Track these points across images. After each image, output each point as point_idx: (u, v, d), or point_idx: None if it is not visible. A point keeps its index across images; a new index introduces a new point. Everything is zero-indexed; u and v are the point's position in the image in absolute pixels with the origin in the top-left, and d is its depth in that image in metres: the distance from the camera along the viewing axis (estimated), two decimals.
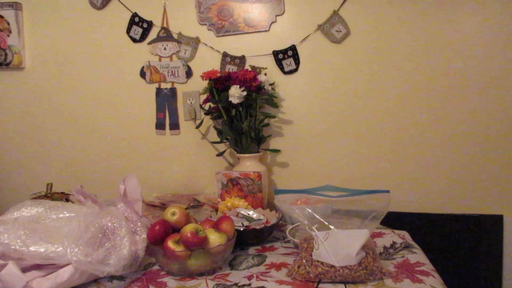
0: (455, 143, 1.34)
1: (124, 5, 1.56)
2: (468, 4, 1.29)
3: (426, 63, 1.34)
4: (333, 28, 1.39)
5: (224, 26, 1.49)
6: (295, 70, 1.45)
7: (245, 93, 1.30)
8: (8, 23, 1.63)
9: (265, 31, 1.46)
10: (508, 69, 1.27)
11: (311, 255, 0.85)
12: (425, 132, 1.36)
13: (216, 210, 1.29)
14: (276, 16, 1.44)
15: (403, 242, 1.02)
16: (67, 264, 0.81)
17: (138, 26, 1.56)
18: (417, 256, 0.94)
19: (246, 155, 1.35)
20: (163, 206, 1.34)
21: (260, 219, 1.13)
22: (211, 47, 1.51)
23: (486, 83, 1.30)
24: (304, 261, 0.84)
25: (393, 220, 1.13)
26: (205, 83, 1.40)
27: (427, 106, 1.35)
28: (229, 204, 1.22)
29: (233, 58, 1.49)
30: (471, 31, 1.30)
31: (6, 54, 1.64)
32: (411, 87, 1.36)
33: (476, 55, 1.30)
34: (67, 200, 1.25)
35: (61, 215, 0.91)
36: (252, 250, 1.04)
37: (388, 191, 0.87)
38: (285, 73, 1.46)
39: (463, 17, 1.30)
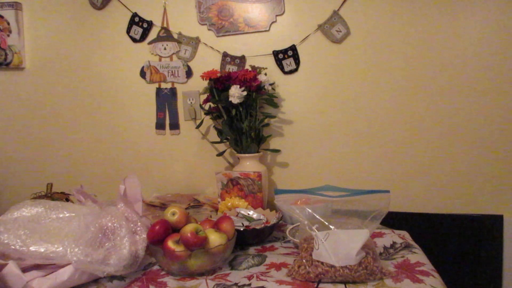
0: (455, 143, 1.34)
1: (124, 5, 1.56)
2: (468, 4, 1.29)
3: (426, 63, 1.34)
4: (333, 28, 1.39)
5: (224, 26, 1.49)
6: (295, 70, 1.45)
7: (245, 93, 1.30)
8: (8, 23, 1.63)
9: (265, 31, 1.46)
10: (508, 69, 1.27)
11: (311, 255, 0.85)
12: (425, 132, 1.36)
13: (216, 210, 1.29)
14: (276, 16, 1.44)
15: (403, 242, 1.02)
16: (67, 264, 0.81)
17: (138, 26, 1.56)
18: (417, 256, 0.94)
19: (246, 155, 1.35)
20: (163, 206, 1.34)
21: (260, 219, 1.13)
22: (211, 47, 1.51)
23: (486, 83, 1.30)
24: (304, 261, 0.84)
25: (393, 220, 1.13)
26: (205, 83, 1.40)
27: (427, 106, 1.35)
28: (229, 204, 1.22)
29: (233, 58, 1.49)
30: (471, 31, 1.29)
31: (6, 54, 1.64)
32: (411, 87, 1.36)
33: (476, 55, 1.30)
34: (67, 200, 1.25)
35: (61, 215, 0.91)
36: (252, 250, 1.04)
37: (388, 191, 0.87)
38: (285, 73, 1.46)
39: (463, 17, 1.30)
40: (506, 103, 1.28)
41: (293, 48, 1.44)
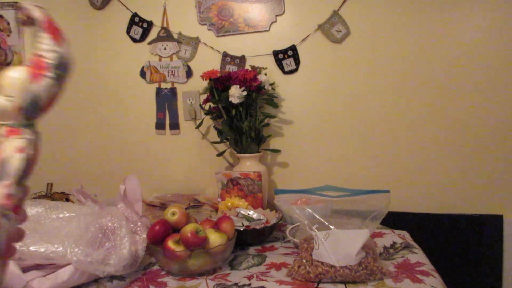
0: (455, 143, 1.34)
1: (124, 5, 1.56)
2: (468, 4, 1.29)
3: (425, 63, 1.34)
4: (333, 28, 1.39)
5: (224, 26, 1.49)
6: (295, 70, 1.45)
7: (245, 93, 1.30)
8: (8, 23, 1.63)
9: (265, 31, 1.46)
10: (508, 68, 1.27)
11: (311, 255, 0.85)
12: (425, 132, 1.36)
13: (216, 210, 1.29)
14: (276, 16, 1.44)
15: (403, 242, 1.02)
16: (67, 264, 0.81)
17: (138, 26, 1.56)
18: (417, 256, 0.94)
19: (246, 155, 1.35)
20: (163, 206, 1.34)
21: (260, 219, 1.13)
22: (211, 47, 1.51)
23: (485, 83, 1.30)
24: (304, 261, 0.84)
25: (393, 220, 1.13)
26: (205, 83, 1.40)
27: (427, 106, 1.35)
28: (229, 204, 1.22)
29: (233, 58, 1.49)
30: (471, 31, 1.29)
31: (6, 54, 1.64)
32: (410, 87, 1.36)
33: (475, 55, 1.29)
34: (67, 200, 1.25)
35: (61, 215, 0.91)
36: (252, 250, 1.04)
37: (388, 191, 0.87)
38: (285, 73, 1.46)
39: (463, 17, 1.30)
40: (506, 103, 1.28)
41: (293, 48, 1.44)
